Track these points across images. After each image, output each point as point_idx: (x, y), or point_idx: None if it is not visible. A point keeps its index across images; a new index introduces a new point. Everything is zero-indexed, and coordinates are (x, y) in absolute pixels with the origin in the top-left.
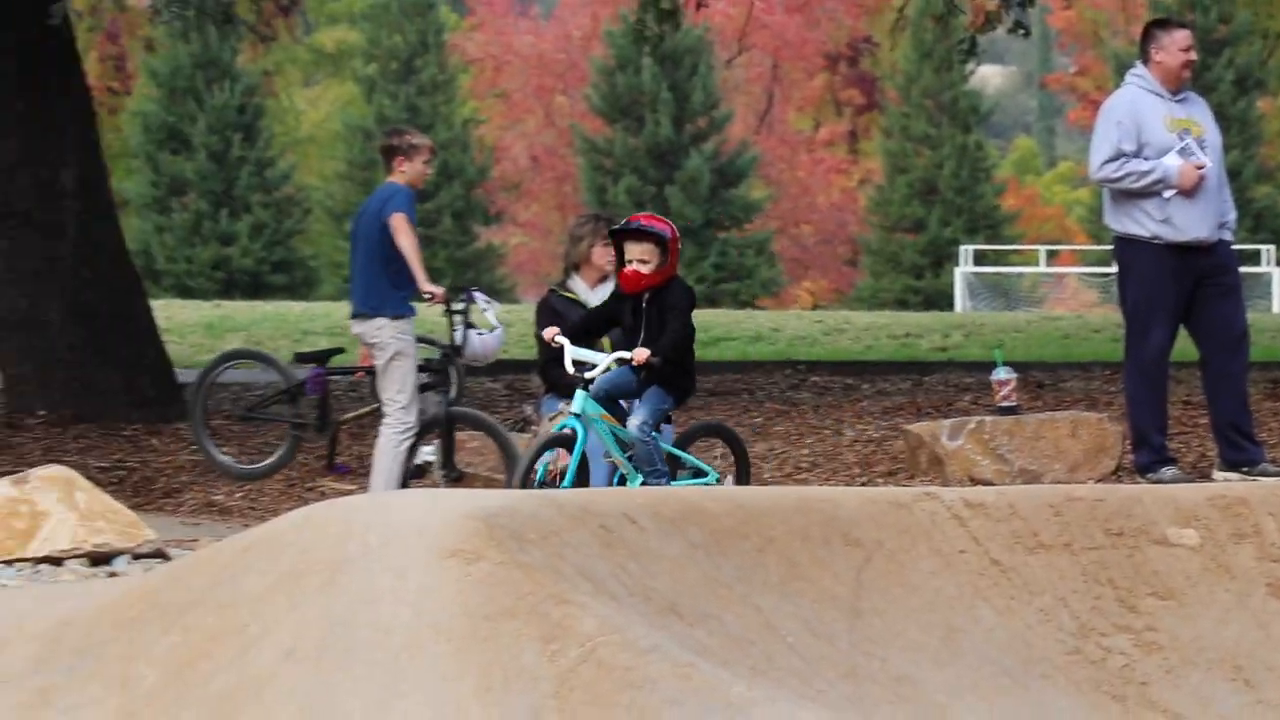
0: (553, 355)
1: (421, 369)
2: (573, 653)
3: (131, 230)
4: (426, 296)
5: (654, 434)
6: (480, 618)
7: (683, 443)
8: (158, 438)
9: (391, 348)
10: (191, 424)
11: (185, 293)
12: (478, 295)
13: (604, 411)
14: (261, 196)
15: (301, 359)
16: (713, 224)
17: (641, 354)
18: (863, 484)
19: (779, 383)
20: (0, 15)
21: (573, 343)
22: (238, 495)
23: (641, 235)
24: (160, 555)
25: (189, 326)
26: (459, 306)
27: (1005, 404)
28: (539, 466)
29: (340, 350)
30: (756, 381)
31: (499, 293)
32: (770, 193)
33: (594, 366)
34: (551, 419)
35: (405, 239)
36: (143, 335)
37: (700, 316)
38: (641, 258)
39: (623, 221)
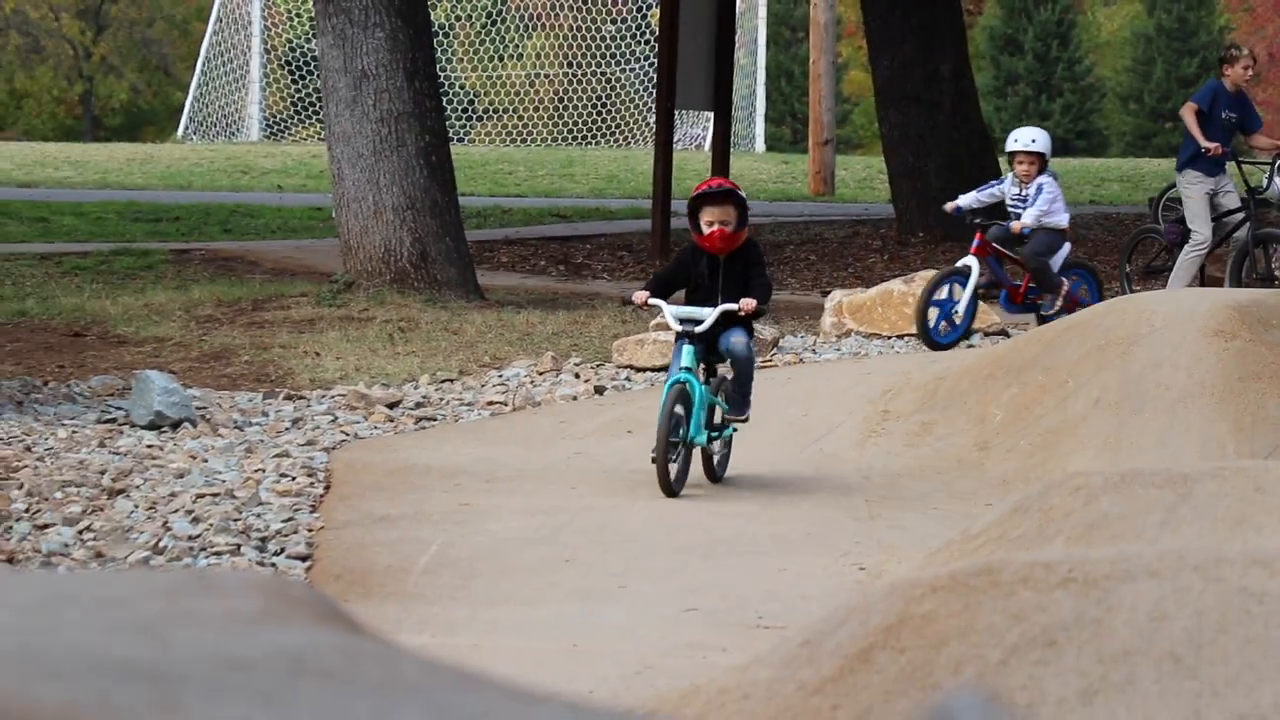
0: None
1: (1233, 211)
2: None
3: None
4: (1204, 151)
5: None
6: (1234, 379)
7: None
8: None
9: (1187, 192)
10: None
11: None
12: None
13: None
14: (1071, 85)
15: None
16: None
17: (749, 304)
18: None
19: None
20: None
21: (654, 296)
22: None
23: (724, 198)
24: (1003, 333)
25: None
26: (1269, 160)
27: None
28: (672, 420)
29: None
30: None
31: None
32: None
33: (701, 322)
34: None
35: (1184, 115)
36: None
37: None
38: (724, 219)
39: (701, 188)
